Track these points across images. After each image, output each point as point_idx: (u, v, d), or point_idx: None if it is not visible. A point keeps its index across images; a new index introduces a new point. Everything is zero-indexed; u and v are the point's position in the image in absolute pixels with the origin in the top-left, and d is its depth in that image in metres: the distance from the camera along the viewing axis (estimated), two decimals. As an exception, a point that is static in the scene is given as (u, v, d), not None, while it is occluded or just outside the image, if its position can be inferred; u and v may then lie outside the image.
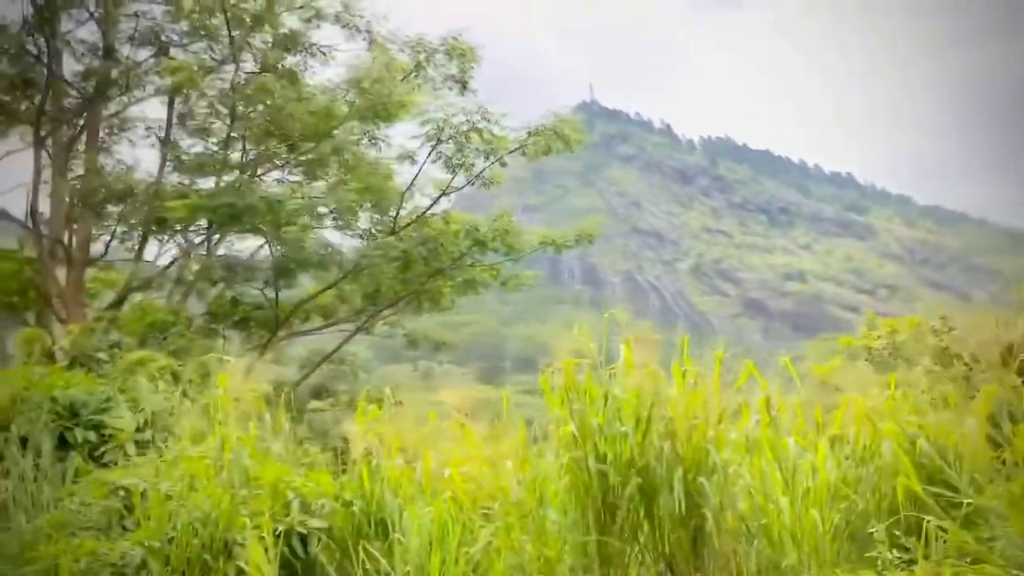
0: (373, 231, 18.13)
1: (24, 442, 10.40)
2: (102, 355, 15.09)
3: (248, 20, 17.93)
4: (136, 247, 20.11)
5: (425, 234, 17.82)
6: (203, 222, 20.22)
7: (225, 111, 18.73)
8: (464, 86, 19.28)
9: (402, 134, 18.71)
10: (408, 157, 17.61)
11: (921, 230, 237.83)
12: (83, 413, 11.34)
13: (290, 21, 18.62)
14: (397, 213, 17.58)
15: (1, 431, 10.55)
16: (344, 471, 10.73)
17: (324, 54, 19.65)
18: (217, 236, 19.42)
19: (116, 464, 10.87)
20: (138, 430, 11.24)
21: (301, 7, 18.45)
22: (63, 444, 11.02)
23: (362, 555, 8.91)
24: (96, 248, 21.02)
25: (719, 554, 8.75)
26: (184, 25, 18.95)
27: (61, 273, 19.75)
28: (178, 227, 20.00)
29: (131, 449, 11.02)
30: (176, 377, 12.15)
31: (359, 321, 21.38)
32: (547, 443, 9.36)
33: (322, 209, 17.40)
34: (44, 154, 21.26)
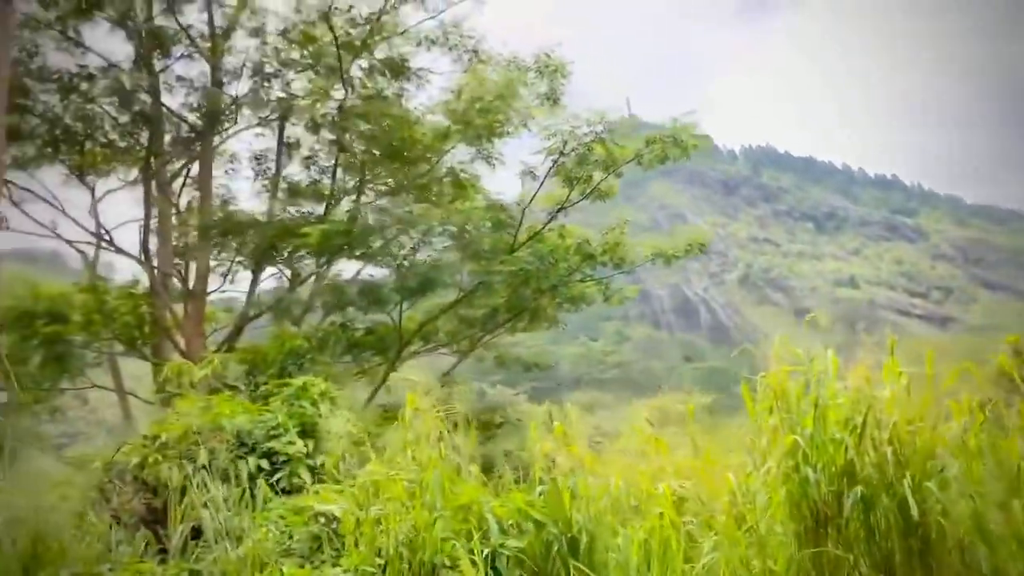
0: (484, 249, 17.93)
1: (205, 471, 10.41)
2: (239, 384, 15.17)
3: (354, 46, 18.06)
4: (250, 278, 20.30)
5: (539, 250, 17.71)
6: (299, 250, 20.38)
7: (332, 137, 18.87)
8: (555, 102, 19.18)
9: (513, 150, 18.71)
10: (529, 173, 17.49)
11: (973, 229, 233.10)
12: (249, 441, 11.34)
13: (394, 46, 18.73)
14: (517, 230, 17.45)
15: (187, 461, 10.58)
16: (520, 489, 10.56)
17: (420, 77, 19.72)
18: (324, 262, 19.51)
19: (292, 491, 10.84)
20: (308, 455, 11.22)
21: (403, 32, 18.54)
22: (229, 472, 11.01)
23: (572, 574, 8.76)
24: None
25: (947, 563, 8.44)
26: (285, 56, 19.15)
27: (173, 306, 20.02)
28: (284, 255, 20.14)
29: (305, 475, 10.99)
30: (334, 401, 12.11)
31: (456, 342, 21.31)
32: (747, 454, 9.12)
33: (446, 229, 17.33)
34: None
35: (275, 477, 10.81)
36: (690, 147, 16.78)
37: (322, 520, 9.06)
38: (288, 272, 20.91)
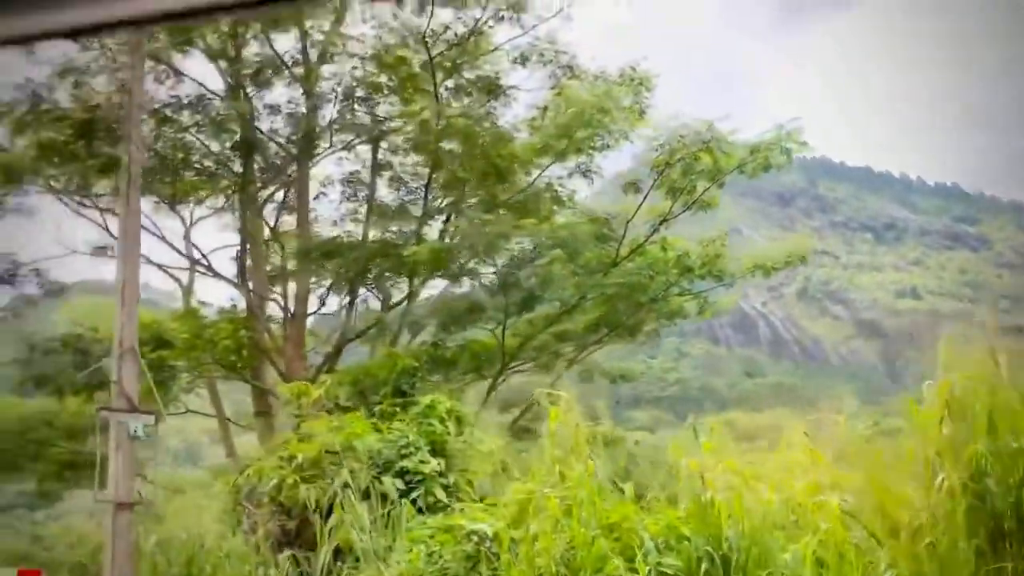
0: (585, 264, 17.70)
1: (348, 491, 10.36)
2: (351, 403, 15.14)
3: (445, 67, 18.14)
4: (333, 300, 20.44)
5: (641, 263, 17.48)
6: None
7: (421, 158, 18.91)
8: (641, 115, 18.97)
9: (611, 162, 18.57)
10: (632, 185, 17.25)
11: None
12: (380, 461, 11.27)
13: (486, 64, 18.73)
14: (619, 243, 17.23)
15: (323, 480, 10.55)
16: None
17: (507, 95, 19.67)
18: (420, 281, 19.52)
19: (428, 510, 10.74)
20: (441, 474, 11.12)
21: (494, 50, 18.55)
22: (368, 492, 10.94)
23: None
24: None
25: None
26: (376, 79, 19.28)
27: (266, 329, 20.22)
28: (376, 276, 20.20)
29: (440, 494, 10.89)
30: (460, 420, 12.00)
31: (546, 358, 21.08)
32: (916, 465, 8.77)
33: (552, 243, 17.13)
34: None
35: (410, 496, 10.71)
36: (794, 154, 16.47)
37: (474, 539, 8.92)
38: (380, 293, 20.99)
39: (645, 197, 16.95)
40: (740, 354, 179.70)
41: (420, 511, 10.59)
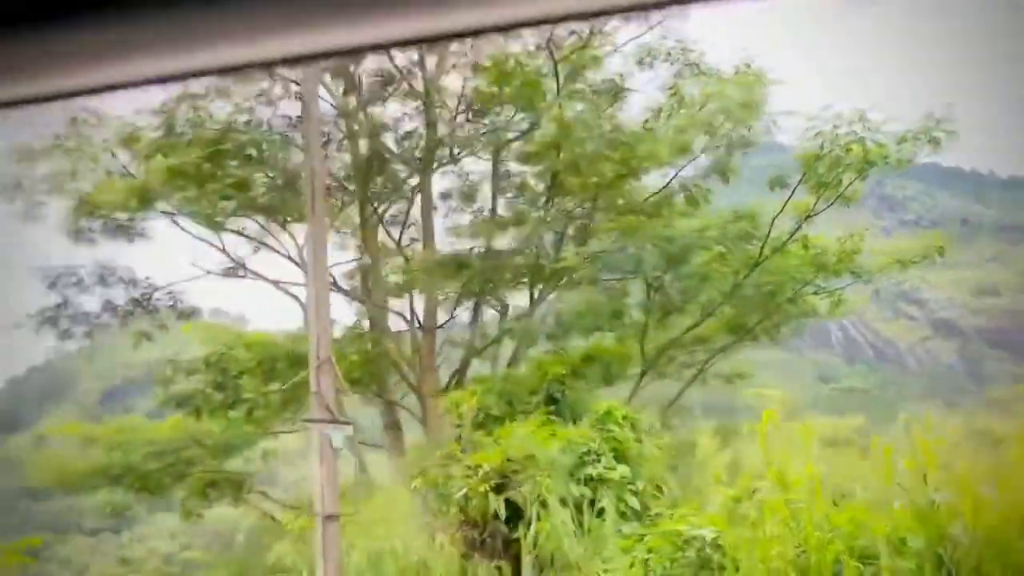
0: (731, 264, 17.31)
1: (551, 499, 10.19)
2: (496, 412, 14.99)
3: (567, 71, 18.02)
4: (471, 311, 20.33)
5: (781, 262, 17.04)
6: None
7: (546, 166, 18.73)
8: (758, 108, 18.52)
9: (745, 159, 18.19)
10: (779, 180, 16.86)
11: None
12: (562, 468, 11.08)
13: (608, 65, 18.59)
14: (764, 242, 16.81)
15: (511, 490, 10.40)
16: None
17: (624, 97, 19.41)
18: (544, 289, 19.35)
19: (620, 517, 10.51)
20: (629, 481, 10.88)
21: (615, 51, 18.38)
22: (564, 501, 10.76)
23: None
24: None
25: None
26: (493, 89, 19.22)
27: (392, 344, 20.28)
28: (491, 287, 20.05)
29: (632, 500, 10.66)
30: (634, 425, 11.76)
31: (659, 363, 20.67)
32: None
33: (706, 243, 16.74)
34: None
35: (602, 503, 10.50)
36: (943, 142, 15.83)
37: (696, 545, 8.65)
38: (499, 304, 20.85)
39: (793, 192, 16.55)
40: (812, 358, 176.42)
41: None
